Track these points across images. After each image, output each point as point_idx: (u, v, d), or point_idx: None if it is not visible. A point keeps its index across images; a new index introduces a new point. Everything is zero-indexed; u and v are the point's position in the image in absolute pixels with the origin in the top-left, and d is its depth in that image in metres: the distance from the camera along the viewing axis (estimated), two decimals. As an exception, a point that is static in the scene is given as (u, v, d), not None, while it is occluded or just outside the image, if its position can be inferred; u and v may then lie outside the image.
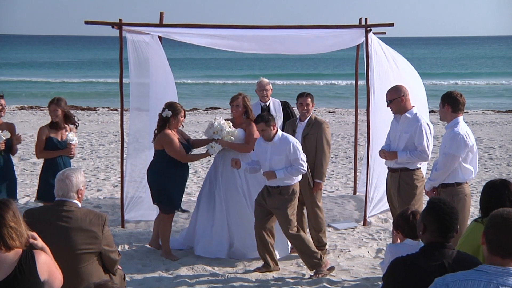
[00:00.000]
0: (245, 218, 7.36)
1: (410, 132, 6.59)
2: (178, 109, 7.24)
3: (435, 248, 3.73)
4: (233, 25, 8.61)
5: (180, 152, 7.17)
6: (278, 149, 6.65)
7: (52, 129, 7.39)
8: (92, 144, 15.24)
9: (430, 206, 3.88)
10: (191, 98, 31.77)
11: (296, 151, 6.62)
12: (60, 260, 4.16)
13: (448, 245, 3.74)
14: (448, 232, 3.76)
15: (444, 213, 3.78)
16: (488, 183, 4.60)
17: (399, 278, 3.67)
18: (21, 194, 10.31)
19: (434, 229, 3.77)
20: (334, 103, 29.40)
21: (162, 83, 8.39)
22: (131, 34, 8.35)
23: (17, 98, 30.16)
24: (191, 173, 12.13)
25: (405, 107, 6.67)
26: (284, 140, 6.67)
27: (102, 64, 59.78)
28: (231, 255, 7.38)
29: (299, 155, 6.62)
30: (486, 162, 13.21)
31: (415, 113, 6.66)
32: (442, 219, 3.76)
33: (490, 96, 34.67)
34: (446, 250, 3.72)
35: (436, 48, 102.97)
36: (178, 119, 7.24)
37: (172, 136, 7.15)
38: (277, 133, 6.70)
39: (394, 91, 6.76)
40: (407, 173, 6.64)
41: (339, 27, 8.73)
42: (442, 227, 3.75)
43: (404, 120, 6.67)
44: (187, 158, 7.31)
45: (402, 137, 6.66)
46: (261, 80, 8.64)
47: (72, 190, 4.67)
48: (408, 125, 6.62)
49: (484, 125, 19.70)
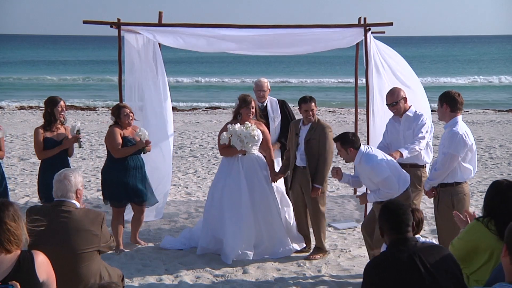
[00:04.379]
0: (274, 217, 7.35)
1: (412, 127, 6.77)
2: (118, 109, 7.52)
3: (398, 244, 3.90)
4: (232, 25, 8.60)
5: (112, 147, 7.36)
6: (361, 170, 6.32)
7: (47, 131, 7.36)
8: (92, 144, 15.22)
9: (380, 210, 4.12)
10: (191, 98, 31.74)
11: (376, 175, 6.14)
12: (60, 260, 4.16)
13: (409, 238, 3.92)
14: (400, 227, 3.94)
15: (391, 210, 4.01)
16: (493, 183, 4.59)
17: (375, 283, 3.80)
18: (21, 194, 10.31)
19: (388, 228, 3.99)
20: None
21: (157, 82, 8.48)
22: (128, 34, 8.37)
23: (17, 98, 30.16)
24: (191, 173, 12.14)
25: (405, 107, 6.91)
26: (364, 161, 6.22)
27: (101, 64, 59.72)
28: (258, 255, 7.29)
29: (379, 178, 6.13)
30: (486, 162, 13.19)
31: (414, 111, 6.92)
32: (389, 217, 3.98)
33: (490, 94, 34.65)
34: (409, 243, 3.89)
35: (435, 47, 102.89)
36: (121, 118, 7.45)
37: (112, 130, 7.36)
38: (358, 153, 6.25)
39: (397, 93, 6.92)
40: (415, 169, 6.84)
41: (338, 26, 8.72)
42: (392, 225, 3.95)
43: (405, 119, 6.87)
44: (118, 152, 7.37)
45: (406, 135, 6.81)
46: (260, 80, 8.63)
47: (70, 190, 4.67)
48: (410, 123, 6.82)
49: (485, 124, 19.68)
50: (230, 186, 7.35)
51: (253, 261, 7.18)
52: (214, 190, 7.53)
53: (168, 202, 9.48)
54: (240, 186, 7.31)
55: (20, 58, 68.55)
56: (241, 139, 7.18)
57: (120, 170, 7.46)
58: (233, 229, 7.22)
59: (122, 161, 7.46)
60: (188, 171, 12.29)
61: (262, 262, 7.16)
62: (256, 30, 8.69)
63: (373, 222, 6.34)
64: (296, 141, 7.27)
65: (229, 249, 7.17)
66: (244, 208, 7.27)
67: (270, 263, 7.17)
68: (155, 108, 8.55)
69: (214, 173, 12.05)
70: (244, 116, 7.40)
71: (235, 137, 7.21)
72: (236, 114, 7.53)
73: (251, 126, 7.24)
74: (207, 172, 12.28)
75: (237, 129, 7.21)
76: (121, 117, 7.49)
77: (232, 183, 7.35)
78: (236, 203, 7.30)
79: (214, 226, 7.40)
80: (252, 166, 7.38)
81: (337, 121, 20.57)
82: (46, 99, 7.48)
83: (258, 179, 7.38)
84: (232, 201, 7.32)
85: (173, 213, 9.24)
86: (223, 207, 7.35)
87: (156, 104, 8.56)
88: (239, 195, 7.30)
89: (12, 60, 64.46)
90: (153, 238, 8.06)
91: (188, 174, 12.02)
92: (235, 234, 7.20)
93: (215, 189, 7.49)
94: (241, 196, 7.29)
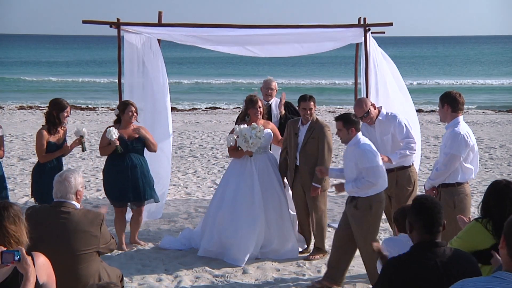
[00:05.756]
0: (285, 219, 7.34)
1: (390, 131, 6.79)
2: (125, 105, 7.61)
3: (426, 248, 3.69)
4: (231, 25, 8.60)
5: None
6: (351, 153, 6.16)
7: (50, 134, 7.33)
8: (92, 144, 15.21)
9: (413, 204, 3.88)
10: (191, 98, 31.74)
11: (366, 160, 6.00)
12: (59, 261, 4.14)
13: (438, 243, 3.71)
14: (432, 227, 3.72)
15: (426, 208, 3.77)
16: (492, 183, 4.57)
17: (392, 281, 3.63)
18: (21, 194, 10.30)
19: (420, 226, 3.75)
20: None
21: (157, 82, 8.48)
22: (128, 33, 8.37)
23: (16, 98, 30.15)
24: (191, 173, 12.13)
25: (376, 113, 6.87)
26: (357, 145, 6.10)
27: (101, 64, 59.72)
28: (264, 255, 7.28)
29: (368, 165, 5.99)
30: (486, 162, 13.18)
31: (386, 113, 6.89)
32: (424, 214, 3.75)
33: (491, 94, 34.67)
34: (438, 249, 3.68)
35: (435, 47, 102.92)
36: (125, 114, 7.54)
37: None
38: (355, 136, 6.14)
39: (364, 103, 6.87)
40: (403, 171, 6.80)
41: (338, 26, 8.72)
42: (426, 223, 3.73)
43: (379, 125, 6.86)
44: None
45: (384, 140, 6.85)
46: (268, 78, 8.62)
47: (70, 191, 4.65)
48: (385, 126, 6.83)
49: (485, 124, 19.68)
50: (243, 187, 7.31)
51: (253, 261, 7.17)
52: (224, 191, 7.45)
53: (168, 202, 9.46)
54: (254, 187, 7.29)
55: (19, 58, 68.53)
56: (246, 139, 7.16)
57: (119, 170, 7.47)
58: (247, 231, 7.17)
59: (121, 161, 7.48)
60: (187, 171, 12.28)
61: (262, 262, 7.15)
62: (255, 30, 8.69)
63: (346, 228, 6.24)
64: (296, 141, 7.25)
65: (242, 252, 7.11)
66: (257, 210, 7.24)
67: (270, 263, 7.16)
68: (155, 108, 8.55)
69: (213, 173, 12.06)
70: (253, 117, 7.40)
71: (241, 138, 7.20)
72: (244, 115, 7.52)
73: (257, 127, 7.21)
74: (206, 172, 12.26)
75: (242, 130, 7.20)
76: (125, 113, 7.53)
77: (246, 184, 7.31)
78: (250, 205, 7.26)
79: (223, 227, 7.29)
80: (265, 167, 7.39)
81: (337, 121, 20.54)
82: (51, 101, 7.42)
83: (271, 180, 7.37)
84: (246, 203, 7.26)
85: (173, 213, 9.23)
86: (235, 209, 7.28)
87: (156, 104, 8.55)
88: (252, 197, 7.27)
89: (12, 60, 64.42)
90: (152, 238, 8.04)
91: (188, 174, 12.01)
92: (249, 236, 7.16)
93: (226, 190, 7.41)
94: (254, 198, 7.26)
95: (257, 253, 7.26)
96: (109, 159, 7.60)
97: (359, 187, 6.03)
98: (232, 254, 7.14)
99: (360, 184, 6.02)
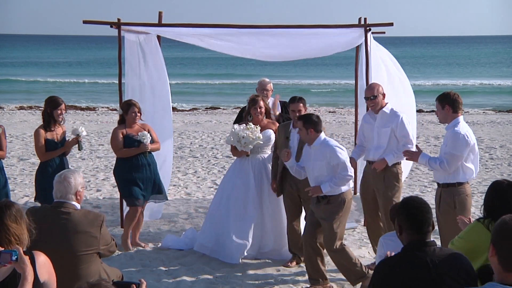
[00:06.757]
0: (282, 221, 7.30)
1: (390, 126, 6.78)
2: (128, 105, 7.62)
3: (416, 247, 3.68)
4: (231, 25, 8.59)
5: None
6: (319, 153, 6.23)
7: (47, 131, 7.33)
8: (92, 144, 15.21)
9: (402, 205, 3.88)
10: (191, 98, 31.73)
11: (337, 155, 6.12)
12: (60, 261, 4.13)
13: (428, 242, 3.70)
14: (421, 227, 3.71)
15: (414, 208, 3.77)
16: (493, 183, 4.56)
17: (385, 282, 3.63)
18: (21, 194, 10.30)
19: (408, 227, 3.74)
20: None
21: (157, 82, 8.49)
22: (128, 33, 8.37)
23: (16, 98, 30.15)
24: (191, 173, 12.12)
25: (382, 104, 6.90)
26: (325, 144, 6.22)
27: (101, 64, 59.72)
28: (263, 256, 7.28)
29: (341, 159, 6.12)
30: (487, 162, 13.18)
31: (391, 108, 6.92)
32: (412, 214, 3.74)
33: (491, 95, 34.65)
34: (428, 248, 3.66)
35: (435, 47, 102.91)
36: (128, 115, 7.56)
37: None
38: (319, 137, 6.25)
39: (376, 88, 6.93)
40: (391, 167, 6.83)
41: (338, 26, 8.72)
42: (414, 223, 3.72)
43: (382, 116, 6.87)
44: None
45: (382, 132, 6.85)
46: (263, 80, 8.60)
47: (70, 192, 4.65)
48: (387, 120, 6.83)
49: (485, 125, 19.68)
50: (239, 185, 7.35)
51: (253, 261, 7.17)
52: (223, 188, 7.53)
53: (168, 202, 9.46)
54: (249, 186, 7.30)
55: (19, 59, 68.54)
56: (238, 139, 7.16)
57: (128, 169, 7.51)
58: (240, 229, 7.18)
59: (129, 160, 7.51)
60: (188, 172, 12.27)
61: (262, 262, 7.15)
62: (255, 31, 8.68)
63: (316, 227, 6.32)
64: (287, 145, 6.94)
65: (235, 249, 7.13)
66: (250, 208, 7.24)
67: (270, 263, 7.17)
68: (155, 108, 8.54)
69: (213, 174, 12.07)
70: (254, 117, 7.38)
71: (234, 138, 7.19)
72: (246, 115, 7.50)
73: (252, 127, 7.19)
74: (206, 172, 12.26)
75: (236, 130, 7.20)
76: (128, 113, 7.53)
77: (241, 182, 7.34)
78: (243, 202, 7.28)
79: (218, 224, 7.36)
80: (263, 167, 7.37)
81: (337, 122, 20.56)
82: (47, 98, 7.45)
83: (268, 182, 7.34)
84: (239, 200, 7.30)
85: (173, 213, 9.23)
86: (230, 207, 7.33)
87: (156, 104, 8.55)
88: (246, 195, 7.29)
89: (12, 60, 64.43)
90: (152, 239, 8.05)
91: (188, 175, 12.01)
92: (242, 234, 7.17)
93: (225, 188, 7.49)
94: (249, 196, 7.27)
95: (256, 253, 7.25)
96: (122, 159, 7.59)
97: (337, 183, 6.14)
98: (227, 252, 7.18)
99: (337, 180, 6.13)
